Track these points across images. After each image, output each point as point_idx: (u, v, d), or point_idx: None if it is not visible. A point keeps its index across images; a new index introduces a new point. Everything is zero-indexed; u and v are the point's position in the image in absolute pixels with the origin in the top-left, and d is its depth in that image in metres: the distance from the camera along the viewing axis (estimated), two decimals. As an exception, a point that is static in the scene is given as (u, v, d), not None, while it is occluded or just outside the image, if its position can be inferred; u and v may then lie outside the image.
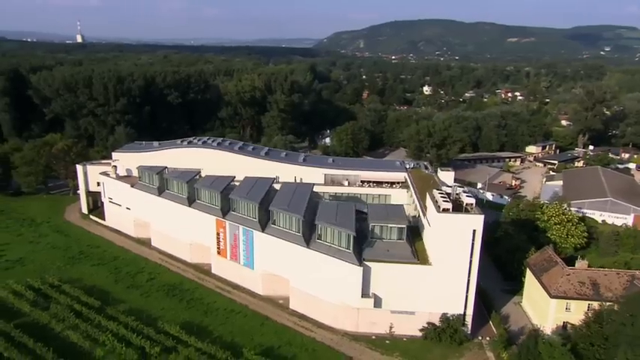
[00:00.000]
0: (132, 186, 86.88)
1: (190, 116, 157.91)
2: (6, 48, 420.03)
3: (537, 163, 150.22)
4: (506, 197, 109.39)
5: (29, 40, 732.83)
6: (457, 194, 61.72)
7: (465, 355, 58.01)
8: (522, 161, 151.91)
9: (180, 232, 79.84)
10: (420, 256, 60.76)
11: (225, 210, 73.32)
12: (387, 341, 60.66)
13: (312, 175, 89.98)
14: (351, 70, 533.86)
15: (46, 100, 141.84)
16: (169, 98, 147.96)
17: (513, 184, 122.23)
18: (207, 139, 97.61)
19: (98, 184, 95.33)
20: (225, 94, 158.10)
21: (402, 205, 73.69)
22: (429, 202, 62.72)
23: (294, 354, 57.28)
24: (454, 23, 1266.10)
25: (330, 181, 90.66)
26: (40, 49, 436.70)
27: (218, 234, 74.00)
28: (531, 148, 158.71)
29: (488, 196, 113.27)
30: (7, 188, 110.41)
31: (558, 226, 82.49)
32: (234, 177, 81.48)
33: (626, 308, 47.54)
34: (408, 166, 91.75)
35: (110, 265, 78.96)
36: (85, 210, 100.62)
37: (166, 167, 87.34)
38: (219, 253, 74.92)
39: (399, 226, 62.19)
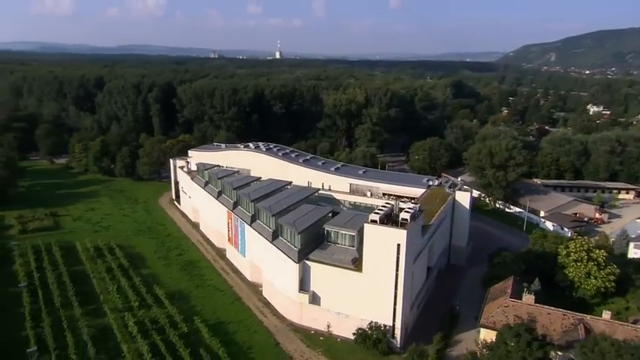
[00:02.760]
0: (192, 179, 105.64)
1: (295, 125, 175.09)
2: (215, 64, 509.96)
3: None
4: (566, 229, 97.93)
5: (241, 57, 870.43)
6: (400, 209, 62.85)
7: (383, 365, 59.23)
8: (639, 195, 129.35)
9: (212, 220, 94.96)
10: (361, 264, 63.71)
11: (235, 205, 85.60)
12: (322, 338, 65.03)
13: (339, 183, 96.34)
14: (521, 85, 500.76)
15: (183, 107, 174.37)
16: (274, 109, 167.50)
17: (594, 218, 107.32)
18: (262, 144, 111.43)
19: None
20: (325, 106, 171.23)
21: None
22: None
23: (235, 330, 66.25)
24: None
25: (354, 190, 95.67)
26: (244, 63, 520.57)
27: (228, 224, 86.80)
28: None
29: (548, 225, 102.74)
30: (133, 174, 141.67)
31: (577, 264, 73.47)
32: (259, 177, 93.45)
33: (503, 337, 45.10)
34: (431, 183, 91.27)
35: (160, 239, 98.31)
36: (173, 196, 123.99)
37: (218, 165, 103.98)
38: (229, 240, 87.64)
39: (350, 233, 65.95)
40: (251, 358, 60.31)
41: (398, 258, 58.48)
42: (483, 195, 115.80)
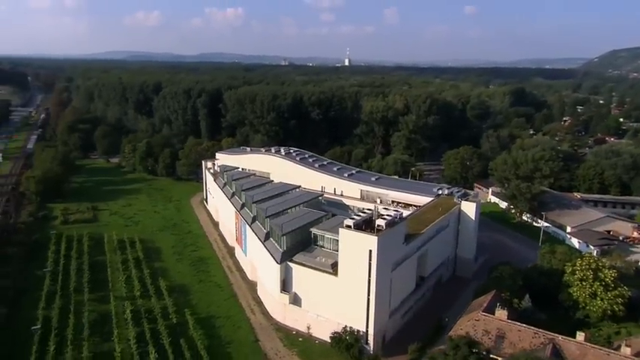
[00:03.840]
0: (214, 180, 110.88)
1: (333, 131, 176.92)
2: (280, 71, 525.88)
3: None
4: (592, 247, 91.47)
5: (310, 64, 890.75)
6: (379, 215, 62.72)
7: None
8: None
9: (227, 220, 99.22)
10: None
11: (242, 206, 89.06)
12: (301, 339, 66.24)
13: (351, 189, 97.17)
14: (599, 93, 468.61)
15: (227, 112, 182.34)
16: (312, 114, 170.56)
17: (631, 237, 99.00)
18: (284, 149, 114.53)
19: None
20: (362, 112, 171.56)
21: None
22: (361, 219, 65.22)
23: (222, 324, 69.26)
24: None
25: (365, 197, 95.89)
26: (310, 71, 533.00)
27: (236, 224, 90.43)
28: None
29: (574, 242, 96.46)
30: (173, 174, 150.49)
31: (582, 283, 68.85)
32: (271, 180, 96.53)
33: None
34: (440, 192, 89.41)
35: (180, 236, 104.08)
36: (204, 196, 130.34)
37: (238, 168, 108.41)
38: (236, 239, 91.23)
39: (335, 237, 66.59)
40: (227, 352, 62.84)
41: (370, 264, 58.47)
42: (511, 207, 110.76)
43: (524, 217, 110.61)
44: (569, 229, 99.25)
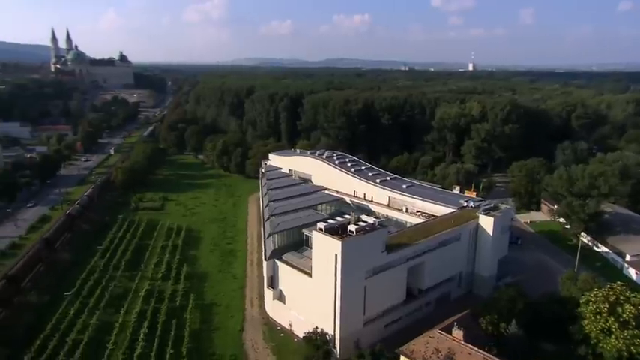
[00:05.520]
0: (261, 178, 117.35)
1: (405, 137, 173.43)
2: (388, 76, 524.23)
3: None
4: (648, 279, 78.95)
5: (432, 69, 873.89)
6: (357, 221, 62.38)
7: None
8: None
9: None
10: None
11: (267, 204, 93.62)
12: (282, 334, 68.53)
13: (380, 196, 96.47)
14: None
15: (303, 116, 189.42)
16: (383, 120, 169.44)
17: None
18: (329, 152, 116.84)
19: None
20: (433, 119, 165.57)
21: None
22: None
23: (218, 312, 74.54)
24: None
25: (392, 204, 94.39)
26: (427, 76, 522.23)
27: (261, 220, 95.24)
28: None
29: (631, 272, 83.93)
30: (243, 172, 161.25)
31: (597, 317, 60.76)
32: (300, 183, 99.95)
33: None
34: (465, 204, 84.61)
35: (225, 229, 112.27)
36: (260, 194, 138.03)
37: (281, 168, 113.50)
38: (262, 236, 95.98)
39: (321, 239, 67.90)
40: (210, 337, 67.61)
41: (336, 267, 58.76)
42: (566, 227, 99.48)
43: (585, 239, 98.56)
44: (628, 257, 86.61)
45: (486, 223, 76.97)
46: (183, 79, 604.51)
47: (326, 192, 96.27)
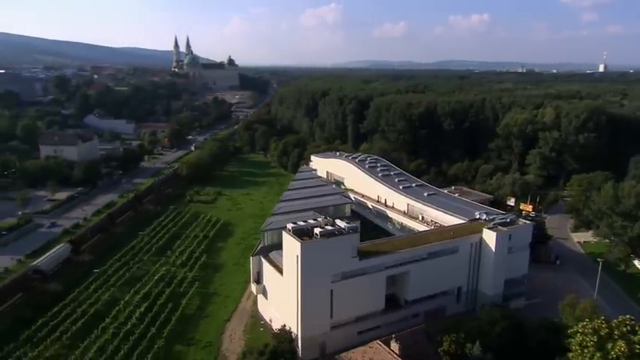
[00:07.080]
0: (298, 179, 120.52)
1: (469, 143, 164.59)
2: (486, 79, 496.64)
3: None
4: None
5: (554, 71, 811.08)
6: (326, 224, 62.39)
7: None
8: None
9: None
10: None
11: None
12: (262, 329, 70.78)
13: (400, 202, 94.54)
14: None
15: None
16: (444, 125, 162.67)
17: None
18: (364, 156, 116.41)
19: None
20: (498, 125, 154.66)
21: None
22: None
23: (215, 301, 78.99)
24: None
25: (410, 212, 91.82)
26: (541, 79, 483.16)
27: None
28: None
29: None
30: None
31: (584, 351, 54.08)
32: (325, 184, 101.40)
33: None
34: (478, 217, 79.43)
35: (259, 225, 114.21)
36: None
37: (315, 170, 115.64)
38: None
39: (304, 240, 69.04)
40: (196, 323, 72.10)
41: (297, 268, 59.64)
42: (611, 249, 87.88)
43: (637, 264, 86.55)
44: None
45: (489, 237, 71.59)
46: (286, 80, 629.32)
47: (343, 195, 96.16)
